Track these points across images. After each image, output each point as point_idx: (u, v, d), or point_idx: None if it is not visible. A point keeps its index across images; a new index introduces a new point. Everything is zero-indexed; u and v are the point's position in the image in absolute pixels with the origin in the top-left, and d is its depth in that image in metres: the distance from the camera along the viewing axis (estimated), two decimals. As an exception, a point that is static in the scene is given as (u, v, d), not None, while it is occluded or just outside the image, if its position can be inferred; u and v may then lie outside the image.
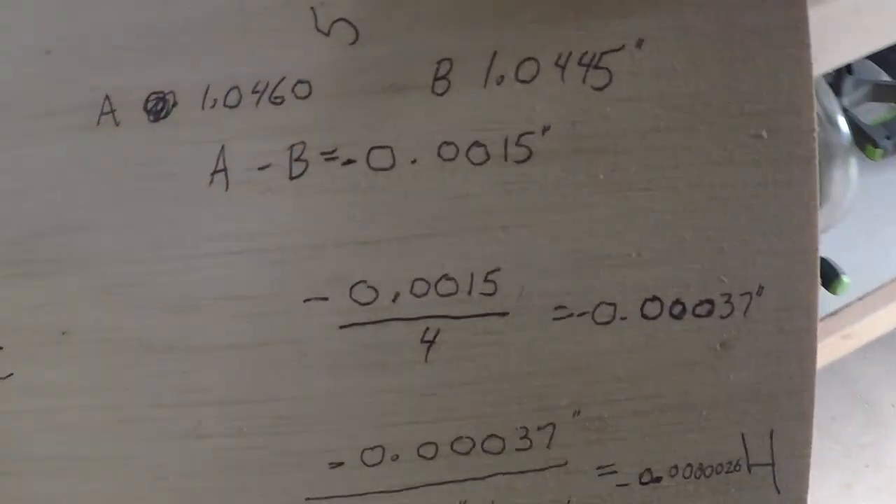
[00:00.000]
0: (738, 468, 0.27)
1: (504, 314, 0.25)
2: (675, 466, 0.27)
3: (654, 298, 0.26)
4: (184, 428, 0.26)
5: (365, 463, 0.26)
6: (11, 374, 0.27)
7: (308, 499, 0.26)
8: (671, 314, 0.26)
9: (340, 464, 0.26)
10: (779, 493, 0.27)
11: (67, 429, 0.27)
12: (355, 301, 0.25)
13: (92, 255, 0.26)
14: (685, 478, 0.27)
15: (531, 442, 0.26)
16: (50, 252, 0.26)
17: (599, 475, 0.26)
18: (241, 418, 0.26)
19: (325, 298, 0.25)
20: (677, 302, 0.26)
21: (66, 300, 0.26)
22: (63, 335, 0.26)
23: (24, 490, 0.27)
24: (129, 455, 0.26)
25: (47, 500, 0.28)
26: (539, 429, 0.26)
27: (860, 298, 0.52)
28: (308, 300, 0.25)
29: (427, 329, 0.25)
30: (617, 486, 0.27)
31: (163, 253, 0.26)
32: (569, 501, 0.27)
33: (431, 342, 0.25)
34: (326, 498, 0.26)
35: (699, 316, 0.26)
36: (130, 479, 0.27)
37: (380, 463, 0.26)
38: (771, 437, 0.27)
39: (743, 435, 0.27)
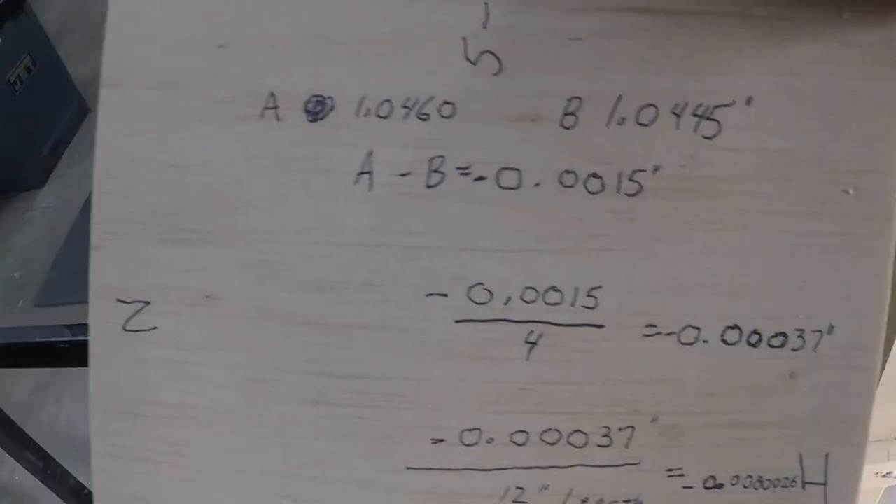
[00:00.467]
0: (793, 484, 0.40)
1: (600, 326, 0.38)
2: (737, 476, 0.40)
3: (735, 327, 0.39)
4: (305, 393, 0.40)
5: (463, 442, 0.39)
6: (156, 327, 0.41)
7: (409, 468, 0.40)
8: (748, 342, 0.39)
9: (441, 440, 0.39)
10: None
11: (201, 382, 0.40)
12: (472, 300, 0.38)
13: (243, 231, 0.39)
14: (745, 487, 0.40)
15: (611, 440, 0.39)
16: (205, 224, 0.40)
17: (668, 476, 0.40)
18: (357, 391, 0.39)
19: (445, 295, 0.38)
20: (755, 332, 0.39)
21: (214, 268, 0.40)
22: (206, 298, 0.40)
23: (157, 432, 0.41)
24: (253, 412, 0.40)
25: (172, 444, 0.41)
26: (620, 430, 0.39)
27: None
28: (430, 295, 0.38)
29: (531, 332, 0.39)
30: (683, 487, 0.40)
31: (307, 237, 0.39)
32: (638, 496, 0.40)
33: (534, 344, 0.39)
34: (425, 469, 0.40)
35: (773, 346, 0.39)
36: (250, 434, 0.41)
37: (476, 443, 0.39)
38: (826, 460, 0.40)
39: (801, 455, 0.40)
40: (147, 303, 0.42)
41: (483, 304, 0.40)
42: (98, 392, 0.44)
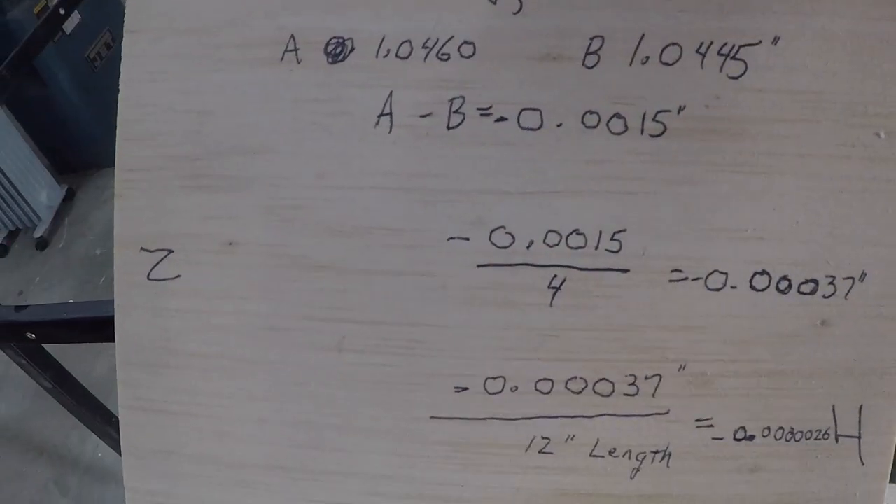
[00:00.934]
0: (826, 437, 0.52)
1: (625, 271, 0.50)
2: (768, 427, 0.52)
3: (764, 273, 0.50)
4: (329, 341, 0.52)
5: (487, 390, 0.52)
6: (179, 275, 0.54)
7: (433, 417, 0.52)
8: (777, 288, 0.51)
9: (465, 389, 0.52)
10: (863, 464, 0.52)
11: (223, 331, 0.54)
12: (493, 244, 0.51)
13: (264, 176, 0.52)
14: (776, 439, 0.52)
15: (638, 389, 0.51)
16: (226, 169, 0.53)
17: (697, 427, 0.52)
18: (380, 338, 0.52)
19: (467, 239, 0.51)
20: (784, 278, 0.50)
21: (235, 214, 0.53)
22: (229, 245, 0.53)
23: (179, 382, 0.55)
24: (275, 360, 0.53)
25: (194, 395, 0.54)
26: (646, 378, 0.51)
27: None
28: (451, 238, 0.51)
29: (555, 276, 0.51)
30: (712, 438, 0.52)
31: (327, 181, 0.52)
32: (667, 447, 0.52)
33: (557, 289, 0.51)
34: (449, 419, 0.52)
35: (803, 293, 0.51)
36: (274, 382, 0.54)
37: (500, 392, 0.52)
38: (860, 412, 0.51)
39: (833, 407, 0.51)
40: (170, 251, 0.56)
41: (505, 247, 0.52)
42: (123, 344, 0.58)
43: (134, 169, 0.57)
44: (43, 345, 1.15)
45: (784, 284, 0.54)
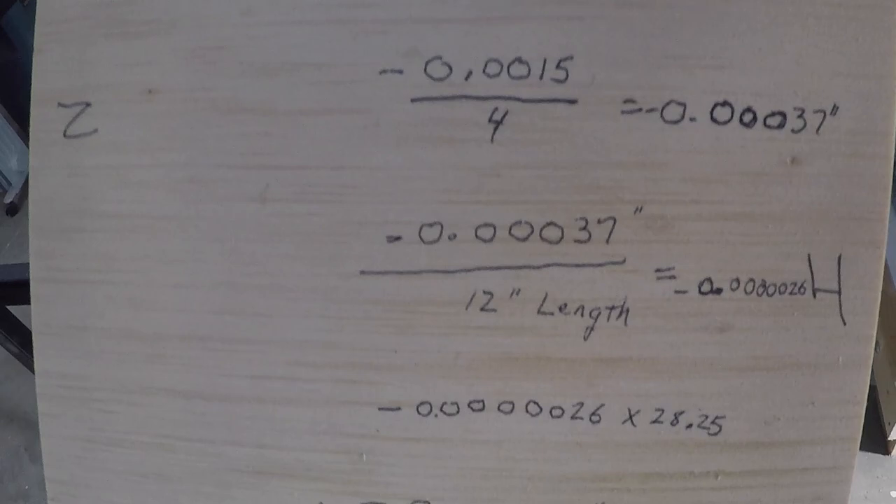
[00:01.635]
0: (802, 291, 0.45)
1: (573, 101, 0.45)
2: (737, 280, 0.45)
3: (725, 104, 0.44)
4: (251, 190, 0.46)
5: (422, 239, 0.46)
6: (96, 129, 0.48)
7: (363, 272, 0.46)
8: (741, 121, 0.45)
9: (398, 238, 0.46)
10: (845, 324, 0.45)
11: (140, 186, 0.48)
12: (429, 76, 0.45)
13: (188, 17, 0.48)
14: (746, 293, 0.45)
15: (590, 234, 0.45)
16: (149, 13, 0.48)
17: (657, 278, 0.45)
18: (306, 184, 0.46)
19: (400, 71, 0.45)
20: (748, 110, 0.45)
21: (157, 59, 0.48)
22: (148, 93, 0.47)
23: (94, 247, 0.49)
24: (193, 216, 0.48)
25: (110, 260, 0.48)
26: (599, 222, 0.45)
27: None
28: (384, 72, 0.45)
29: (496, 109, 0.45)
30: (675, 292, 0.45)
31: (254, 18, 0.47)
32: (624, 302, 0.45)
33: (499, 123, 0.45)
34: (381, 273, 0.46)
35: (770, 127, 0.45)
36: (191, 241, 0.48)
37: (437, 240, 0.45)
38: (839, 263, 0.45)
39: (809, 256, 0.45)
40: (88, 104, 0.50)
41: (441, 79, 0.46)
42: (37, 210, 0.52)
43: (55, 21, 0.52)
44: (9, 307, 1.09)
45: (748, 117, 0.47)
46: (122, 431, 0.54)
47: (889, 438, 1.25)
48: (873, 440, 1.27)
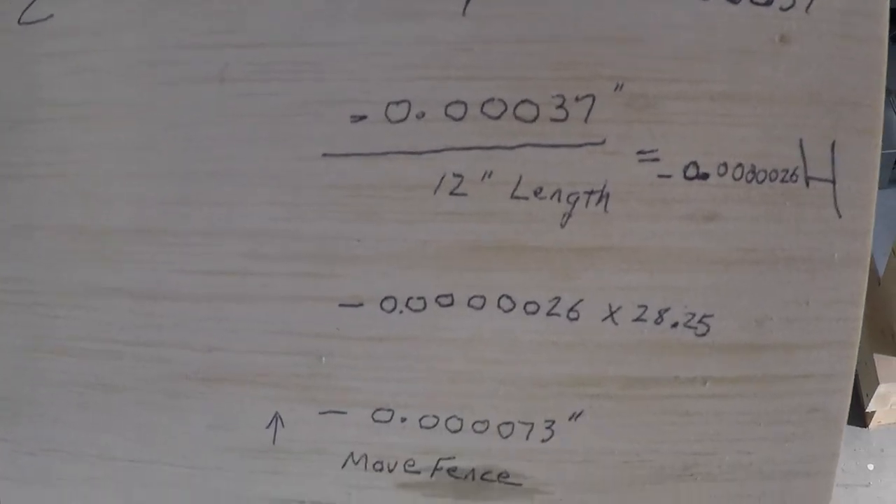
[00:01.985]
0: (794, 178, 0.41)
1: None
2: (724, 164, 0.41)
3: None
4: (210, 71, 0.44)
5: (389, 118, 0.42)
6: (52, 14, 0.46)
7: (325, 154, 0.42)
8: None
9: (363, 117, 0.42)
10: (840, 216, 0.41)
11: (95, 71, 0.45)
12: None
13: None
14: (735, 179, 0.41)
15: (567, 113, 0.41)
16: None
17: (640, 160, 0.41)
18: (267, 62, 0.43)
19: None
20: None
21: None
22: None
23: (46, 139, 0.46)
24: (148, 101, 0.45)
25: (62, 152, 0.45)
26: (577, 99, 0.41)
27: None
28: None
29: None
30: (659, 176, 0.42)
31: None
32: (605, 186, 0.42)
33: None
34: (344, 155, 0.42)
35: (757, 3, 0.43)
36: (149, 126, 0.45)
37: (404, 119, 0.42)
38: (832, 150, 0.42)
39: (801, 140, 0.42)
40: (42, -13, 0.46)
41: None
42: None
43: None
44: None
45: None
46: (65, 338, 0.50)
47: (867, 410, 1.19)
48: (851, 412, 1.20)
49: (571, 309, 0.45)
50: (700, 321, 0.45)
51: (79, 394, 0.50)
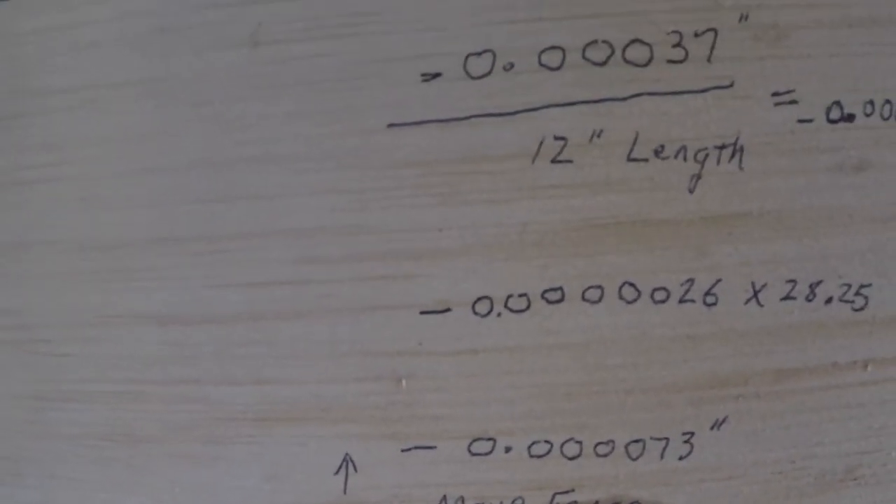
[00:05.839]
0: None
1: None
2: (871, 102, 0.26)
3: None
4: (239, 34, 0.26)
5: (469, 74, 0.25)
6: None
7: (391, 125, 0.25)
8: None
9: (437, 75, 0.25)
10: None
11: (97, 47, 0.29)
12: None
13: None
14: (884, 118, 0.26)
15: (686, 52, 0.25)
16: None
17: (776, 104, 0.25)
18: (310, 16, 0.27)
19: None
20: None
21: None
22: None
23: (38, 134, 0.29)
24: (168, 75, 0.28)
25: (57, 150, 0.27)
26: (696, 35, 0.25)
27: None
28: None
29: None
30: (798, 121, 0.25)
31: None
32: (737, 138, 0.28)
33: None
34: (416, 124, 0.25)
35: None
36: (168, 108, 0.28)
37: (489, 73, 0.25)
38: None
39: None
40: (23, -45, 0.28)
41: None
42: None
43: None
44: None
45: None
46: (75, 380, 0.30)
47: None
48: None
49: (708, 292, 0.28)
50: (857, 293, 0.28)
51: (96, 448, 0.30)
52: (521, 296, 0.27)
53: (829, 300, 0.29)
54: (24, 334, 0.30)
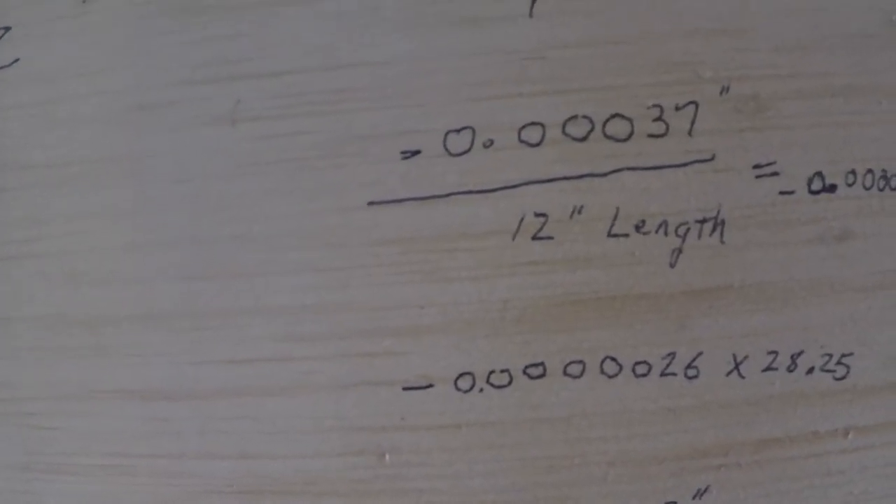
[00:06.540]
0: None
1: None
2: (853, 171, 0.24)
3: None
4: (218, 110, 0.25)
5: (448, 151, 0.24)
6: (17, 59, 0.26)
7: (371, 203, 0.23)
8: None
9: (416, 153, 0.24)
10: None
11: (76, 123, 0.27)
12: None
13: None
14: (866, 188, 0.24)
15: (667, 126, 0.23)
16: None
17: (756, 177, 0.24)
18: (290, 93, 0.24)
19: None
20: None
21: None
22: (83, 4, 0.25)
23: (20, 208, 0.26)
24: (147, 152, 0.26)
25: (42, 223, 0.25)
26: (677, 108, 0.23)
27: None
28: None
29: None
30: (780, 193, 0.23)
31: None
32: (718, 211, 0.24)
33: None
34: (396, 202, 0.23)
35: None
36: (147, 184, 0.26)
37: (468, 150, 0.24)
38: None
39: None
40: (6, 28, 0.27)
41: None
42: None
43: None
44: None
45: None
46: (64, 453, 0.28)
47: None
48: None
49: (689, 365, 0.26)
50: (838, 362, 0.27)
51: (84, 521, 0.29)
52: (502, 371, 0.26)
53: (810, 370, 0.27)
54: (11, 407, 0.29)
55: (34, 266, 0.28)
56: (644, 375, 0.27)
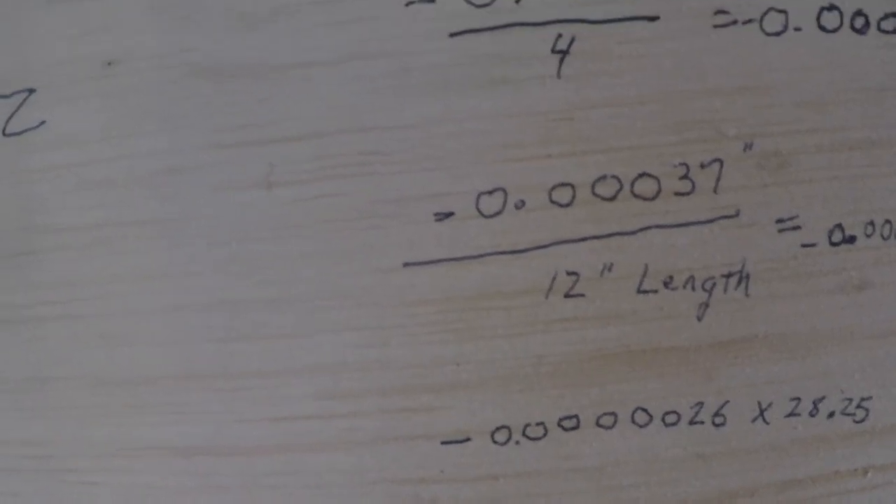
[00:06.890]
0: None
1: (654, 18, 0.24)
2: (871, 223, 0.24)
3: (832, 7, 0.23)
4: (252, 175, 0.24)
5: (481, 212, 0.24)
6: (44, 121, 0.25)
7: (407, 264, 0.23)
8: (853, 27, 0.23)
9: (449, 214, 0.24)
10: None
11: (107, 186, 0.26)
12: (469, 2, 0.23)
13: None
14: (884, 238, 0.24)
15: (693, 184, 0.23)
16: None
17: (780, 231, 0.23)
18: (322, 156, 0.24)
19: (432, 0, 0.22)
20: (858, 13, 0.24)
21: (114, 22, 0.26)
22: (108, 66, 0.24)
23: (51, 273, 0.26)
24: (181, 215, 0.25)
25: (73, 286, 0.24)
26: (702, 166, 0.23)
27: None
28: (410, 3, 0.23)
29: (559, 36, 0.24)
30: (802, 245, 0.23)
31: None
32: (743, 265, 0.24)
33: (565, 52, 0.23)
34: (430, 263, 0.23)
35: (885, 32, 0.24)
36: (182, 247, 0.25)
37: (500, 212, 0.24)
38: None
39: None
40: (31, 90, 0.27)
41: (485, 5, 0.25)
42: None
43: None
44: None
45: (860, 22, 0.27)
46: (105, 509, 0.30)
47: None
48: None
49: (717, 413, 0.27)
50: (858, 406, 0.28)
51: (128, 577, 0.29)
52: (538, 424, 0.26)
53: (831, 414, 0.28)
54: (50, 464, 0.29)
55: (68, 328, 0.28)
56: (674, 424, 0.27)
